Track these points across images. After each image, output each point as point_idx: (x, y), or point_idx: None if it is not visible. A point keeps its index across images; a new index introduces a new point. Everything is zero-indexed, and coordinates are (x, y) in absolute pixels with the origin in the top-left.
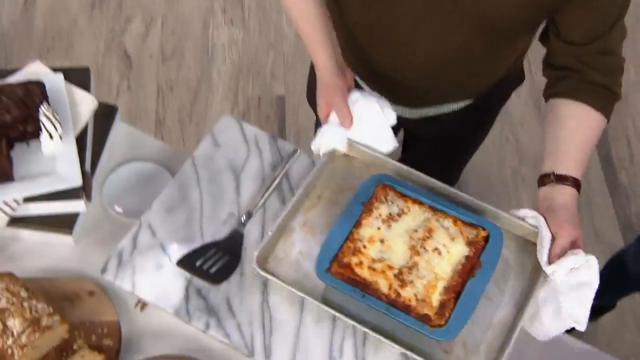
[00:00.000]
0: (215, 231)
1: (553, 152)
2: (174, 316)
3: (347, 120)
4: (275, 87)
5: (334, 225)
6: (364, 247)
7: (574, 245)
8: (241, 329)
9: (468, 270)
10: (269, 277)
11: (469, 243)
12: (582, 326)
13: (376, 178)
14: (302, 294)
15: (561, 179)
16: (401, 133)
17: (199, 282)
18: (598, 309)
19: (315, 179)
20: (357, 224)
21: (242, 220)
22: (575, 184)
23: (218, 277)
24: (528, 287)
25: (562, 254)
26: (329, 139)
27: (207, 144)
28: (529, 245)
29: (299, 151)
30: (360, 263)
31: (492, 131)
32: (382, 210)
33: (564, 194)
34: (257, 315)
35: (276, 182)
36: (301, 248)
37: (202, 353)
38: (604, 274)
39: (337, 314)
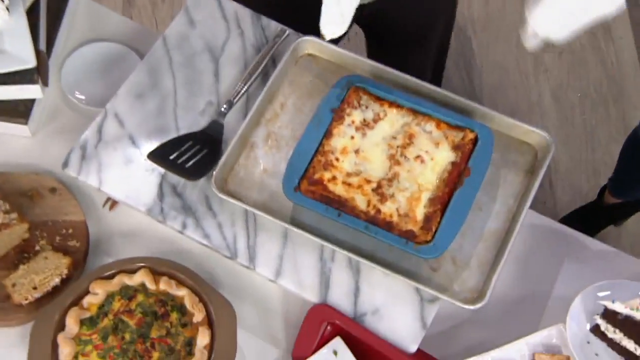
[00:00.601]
0: (192, 122)
1: None
2: (147, 215)
3: None
4: None
5: (301, 137)
6: (337, 159)
7: None
8: (222, 229)
9: (455, 178)
10: (230, 200)
11: (455, 147)
12: None
13: (346, 79)
14: (268, 216)
15: None
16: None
17: (174, 177)
18: (622, 211)
19: (277, 84)
20: (328, 134)
21: (222, 110)
22: None
23: (195, 172)
24: (521, 193)
25: None
26: None
27: (181, 22)
28: (523, 147)
29: (287, 32)
30: (334, 178)
31: (510, 11)
32: (355, 116)
33: None
34: (240, 214)
35: (261, 67)
36: (265, 165)
37: (179, 255)
38: (622, 158)
39: (310, 236)
